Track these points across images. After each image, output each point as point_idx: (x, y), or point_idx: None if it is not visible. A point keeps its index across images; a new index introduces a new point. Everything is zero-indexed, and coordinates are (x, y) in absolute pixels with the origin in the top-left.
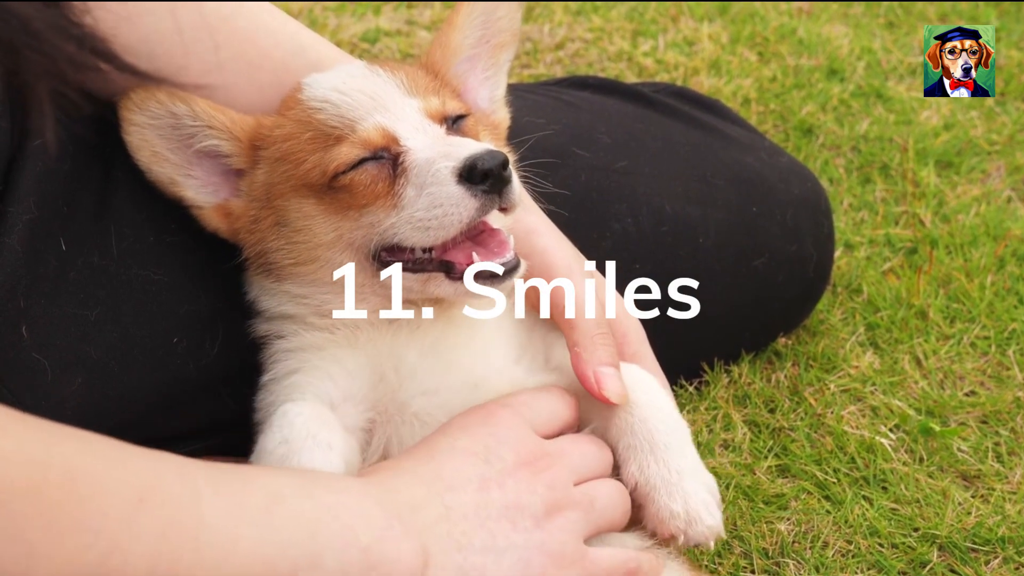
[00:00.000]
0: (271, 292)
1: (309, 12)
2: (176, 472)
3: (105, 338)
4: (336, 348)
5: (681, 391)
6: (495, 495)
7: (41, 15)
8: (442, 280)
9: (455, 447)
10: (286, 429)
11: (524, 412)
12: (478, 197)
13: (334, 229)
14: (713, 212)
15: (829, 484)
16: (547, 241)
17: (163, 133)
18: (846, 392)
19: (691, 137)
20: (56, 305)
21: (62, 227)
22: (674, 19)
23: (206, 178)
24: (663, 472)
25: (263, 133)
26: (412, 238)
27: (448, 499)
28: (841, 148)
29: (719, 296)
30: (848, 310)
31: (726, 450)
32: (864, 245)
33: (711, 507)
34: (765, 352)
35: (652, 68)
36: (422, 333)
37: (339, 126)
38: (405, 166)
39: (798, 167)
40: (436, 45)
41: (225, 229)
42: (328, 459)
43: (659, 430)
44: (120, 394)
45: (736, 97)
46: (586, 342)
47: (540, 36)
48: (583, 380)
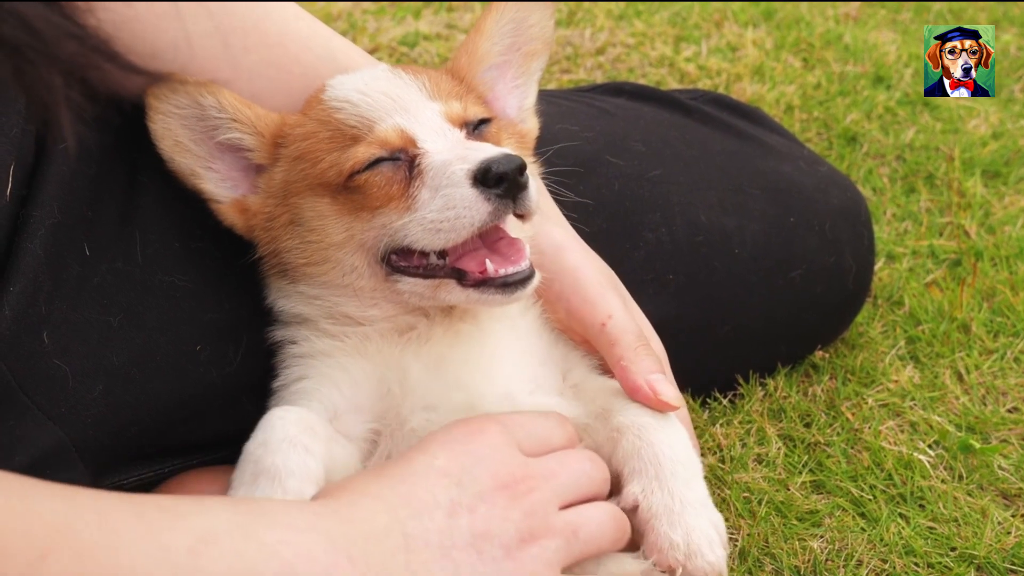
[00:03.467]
0: (286, 293)
1: (348, 15)
2: (91, 513)
3: (127, 345)
4: (344, 356)
5: (715, 404)
6: (463, 522)
7: (41, 14)
8: (453, 287)
9: (432, 466)
10: (267, 432)
11: (514, 430)
12: (492, 201)
13: (346, 229)
14: (749, 222)
15: (865, 501)
16: (577, 258)
17: (187, 123)
18: (884, 407)
19: (728, 145)
20: (78, 311)
21: (86, 232)
22: (718, 24)
23: (227, 172)
24: (666, 500)
25: (286, 131)
26: (423, 240)
27: (410, 527)
28: (886, 157)
29: (755, 308)
30: (889, 323)
31: (760, 465)
32: (907, 256)
33: (714, 543)
34: (802, 365)
35: (694, 74)
36: (429, 347)
37: (357, 126)
38: (421, 168)
39: (838, 176)
40: (463, 51)
41: (241, 225)
42: (304, 462)
43: (667, 456)
44: (141, 402)
45: (779, 104)
46: (630, 354)
47: (581, 41)
48: (635, 391)
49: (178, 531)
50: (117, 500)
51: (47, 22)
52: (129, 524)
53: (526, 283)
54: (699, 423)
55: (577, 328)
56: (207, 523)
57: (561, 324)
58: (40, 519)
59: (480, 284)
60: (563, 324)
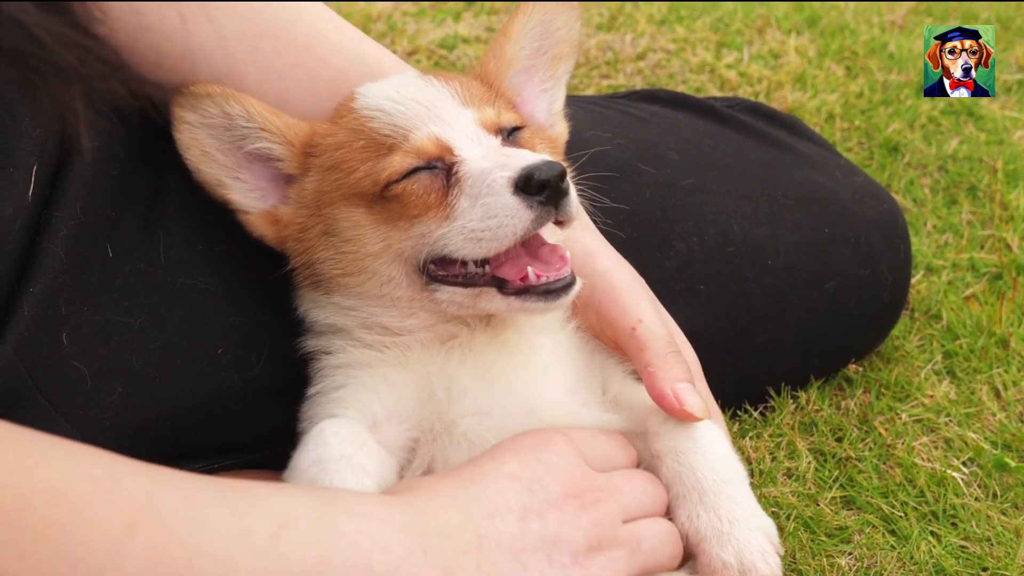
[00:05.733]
0: (319, 304)
1: (388, 17)
2: (175, 492)
3: (148, 347)
4: (384, 366)
5: (745, 416)
6: (534, 526)
7: (44, 23)
8: (494, 295)
9: (501, 471)
10: (320, 448)
11: (581, 445)
12: (534, 208)
13: (383, 239)
14: (783, 233)
15: (895, 518)
16: (608, 263)
17: (214, 133)
18: (919, 422)
19: (763, 155)
20: (99, 312)
21: (109, 233)
22: (760, 31)
23: (255, 182)
24: (713, 522)
25: (316, 140)
26: (464, 249)
27: (483, 527)
28: (928, 167)
29: (787, 320)
30: (926, 337)
31: (789, 479)
32: (946, 269)
33: (767, 554)
34: (835, 378)
35: (735, 81)
36: (475, 356)
37: (392, 135)
38: (459, 176)
39: (875, 187)
40: (490, 55)
41: (272, 236)
42: (360, 482)
43: (708, 478)
44: (160, 404)
45: (820, 112)
46: (659, 361)
47: (621, 46)
48: (661, 399)
49: (259, 515)
50: (200, 481)
51: (47, 31)
52: (213, 505)
53: (568, 290)
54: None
55: (608, 332)
56: (287, 508)
57: (592, 329)
58: (129, 494)
59: (522, 292)
60: (594, 329)
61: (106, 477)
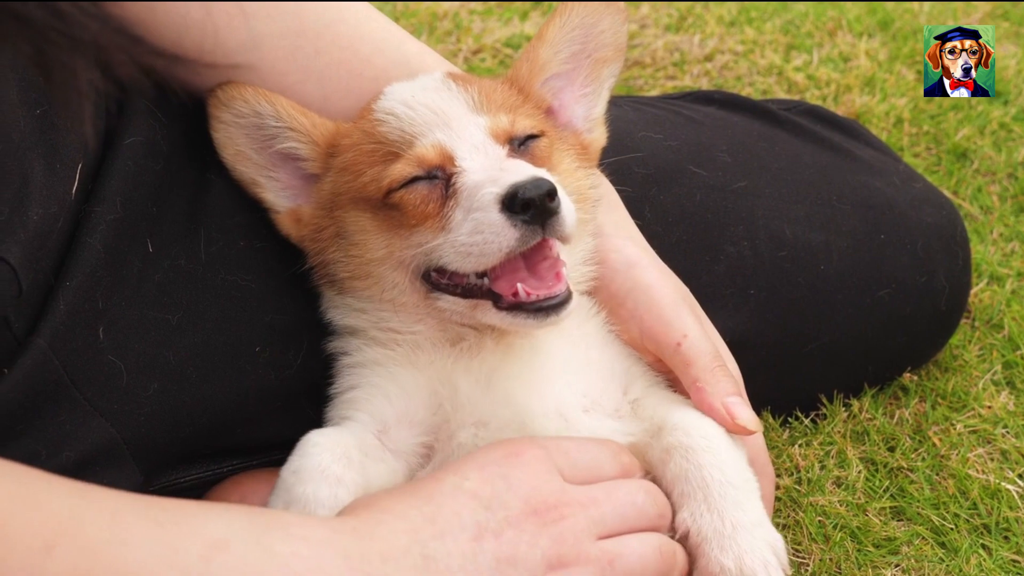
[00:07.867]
0: (336, 304)
1: (455, 15)
2: (101, 511)
3: (185, 343)
4: (396, 366)
5: (796, 423)
6: (488, 545)
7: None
8: (489, 308)
9: (461, 488)
10: (301, 459)
11: (557, 456)
12: (518, 227)
13: (385, 246)
14: (836, 238)
15: (946, 530)
16: (651, 276)
17: (248, 132)
18: (974, 433)
19: (818, 159)
20: (137, 308)
21: (149, 228)
22: (831, 33)
23: (287, 181)
24: (716, 523)
25: (337, 140)
26: (455, 263)
27: (432, 548)
28: (996, 175)
29: (840, 327)
30: (986, 346)
31: (838, 488)
32: (1011, 278)
33: (771, 566)
34: (890, 387)
35: (802, 84)
36: (480, 360)
37: (399, 140)
38: (456, 188)
39: (934, 193)
40: (524, 58)
41: (294, 235)
42: (334, 493)
43: (715, 479)
44: (196, 401)
45: (888, 117)
46: (707, 376)
47: (689, 47)
48: (712, 413)
49: (191, 535)
50: (131, 500)
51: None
52: (140, 524)
53: (561, 308)
54: (778, 443)
55: (651, 347)
56: (222, 529)
57: (634, 343)
58: (48, 511)
59: (513, 308)
60: (636, 343)
61: (25, 495)
